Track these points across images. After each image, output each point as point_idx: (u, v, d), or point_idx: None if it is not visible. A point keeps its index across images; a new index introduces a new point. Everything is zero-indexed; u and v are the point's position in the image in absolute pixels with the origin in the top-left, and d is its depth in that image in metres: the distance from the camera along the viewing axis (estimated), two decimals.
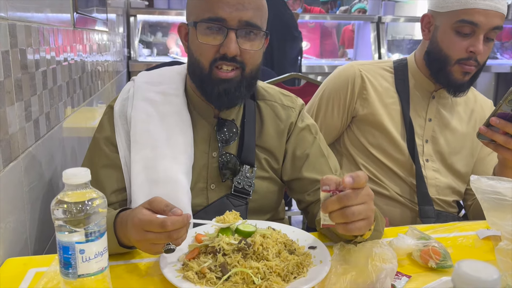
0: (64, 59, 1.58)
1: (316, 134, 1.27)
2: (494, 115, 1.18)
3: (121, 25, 3.69)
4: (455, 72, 1.41)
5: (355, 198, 0.82)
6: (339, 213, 0.83)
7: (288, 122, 1.25)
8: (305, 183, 1.22)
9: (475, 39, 1.36)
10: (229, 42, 1.06)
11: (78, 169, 0.74)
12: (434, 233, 1.12)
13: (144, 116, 1.16)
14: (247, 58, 1.10)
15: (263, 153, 1.23)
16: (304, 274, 0.90)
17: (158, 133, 1.15)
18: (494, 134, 1.19)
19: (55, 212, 0.72)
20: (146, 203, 0.91)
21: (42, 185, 1.31)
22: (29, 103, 1.19)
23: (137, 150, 1.14)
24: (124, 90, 1.24)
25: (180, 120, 1.17)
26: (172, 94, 1.20)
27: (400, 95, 1.52)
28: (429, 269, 0.98)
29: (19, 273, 0.96)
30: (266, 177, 1.23)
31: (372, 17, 5.13)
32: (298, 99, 1.31)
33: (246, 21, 1.06)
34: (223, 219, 0.98)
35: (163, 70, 1.27)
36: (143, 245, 0.91)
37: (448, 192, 1.53)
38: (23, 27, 1.15)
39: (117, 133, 1.17)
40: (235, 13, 1.05)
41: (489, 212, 0.88)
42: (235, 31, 1.06)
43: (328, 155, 1.26)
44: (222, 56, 1.07)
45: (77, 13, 1.80)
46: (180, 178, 1.12)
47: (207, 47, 1.08)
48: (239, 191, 1.19)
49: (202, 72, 1.10)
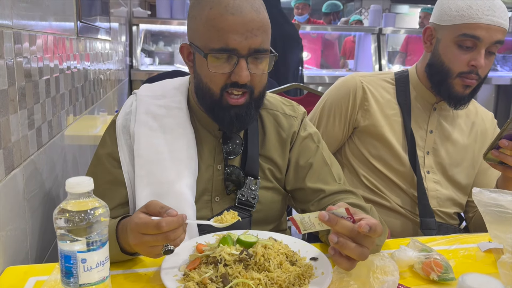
0: (67, 67, 1.59)
1: (318, 142, 1.27)
2: (501, 136, 1.18)
3: (123, 34, 3.71)
4: (456, 85, 1.42)
5: (360, 238, 0.85)
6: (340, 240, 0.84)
7: (290, 131, 1.24)
8: (308, 192, 1.22)
9: (476, 53, 1.37)
10: (240, 71, 1.05)
11: (81, 178, 0.74)
12: (435, 245, 1.12)
13: (147, 130, 1.16)
14: (256, 81, 1.09)
15: (266, 163, 1.23)
16: (305, 285, 0.90)
17: (162, 147, 1.15)
18: (506, 157, 1.20)
19: (57, 221, 0.72)
20: (143, 207, 0.92)
21: (43, 194, 1.31)
22: (32, 111, 1.19)
23: (141, 164, 1.13)
24: (126, 104, 1.23)
25: (183, 134, 1.17)
26: (175, 107, 1.19)
27: (402, 107, 1.53)
28: (430, 282, 0.97)
29: (19, 282, 0.95)
30: (270, 187, 1.23)
31: (372, 28, 5.16)
32: (300, 107, 1.30)
33: (256, 49, 1.05)
34: (221, 219, 0.98)
35: (165, 83, 1.27)
36: (142, 248, 0.91)
37: (449, 204, 1.53)
38: (27, 35, 1.16)
39: (120, 148, 1.17)
40: (245, 42, 1.04)
41: (491, 225, 0.88)
42: (245, 59, 1.05)
43: (331, 163, 1.25)
44: (233, 83, 1.07)
45: (80, 22, 1.81)
46: (185, 191, 1.12)
47: (218, 75, 1.07)
48: (243, 204, 1.18)
49: (212, 98, 1.10)
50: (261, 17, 1.05)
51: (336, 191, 1.20)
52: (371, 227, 0.82)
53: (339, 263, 0.87)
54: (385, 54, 5.09)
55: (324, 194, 1.19)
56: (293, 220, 0.90)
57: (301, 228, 0.90)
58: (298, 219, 0.90)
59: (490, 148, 1.23)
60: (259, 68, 1.09)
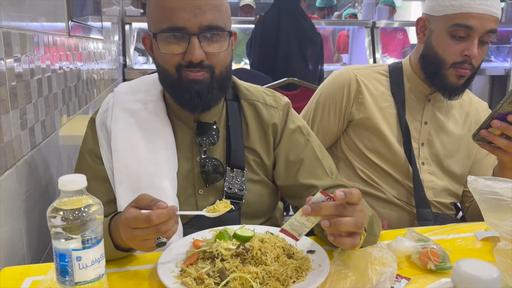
0: (59, 67, 1.58)
1: (308, 135, 1.25)
2: (493, 116, 1.18)
3: (116, 33, 3.70)
4: (449, 76, 1.41)
5: (347, 210, 0.85)
6: (331, 221, 0.85)
7: (270, 122, 1.22)
8: (301, 189, 1.20)
9: (469, 43, 1.36)
10: (192, 49, 1.03)
11: (74, 176, 0.73)
12: (432, 235, 1.12)
13: (123, 125, 1.16)
14: (215, 61, 1.07)
15: (251, 155, 1.21)
16: (303, 278, 0.90)
17: (138, 140, 1.14)
18: (495, 138, 1.20)
19: (51, 220, 0.72)
20: (133, 202, 0.92)
21: (38, 194, 1.30)
22: (24, 111, 1.19)
23: (118, 158, 1.13)
24: (104, 102, 1.23)
25: (160, 126, 1.16)
26: (150, 100, 1.19)
27: (396, 99, 1.53)
28: (428, 271, 0.98)
29: (15, 282, 0.95)
30: (257, 180, 1.21)
31: (366, 22, 5.15)
32: (283, 98, 1.27)
33: (206, 25, 1.03)
34: (214, 209, 0.97)
35: (142, 78, 1.26)
36: (134, 242, 0.91)
37: (445, 195, 1.53)
38: (17, 35, 1.15)
39: (100, 145, 1.17)
40: (194, 19, 1.02)
41: (487, 212, 0.88)
42: (197, 37, 1.03)
43: (322, 156, 1.24)
44: (188, 63, 1.05)
45: (72, 21, 1.80)
46: (164, 184, 1.11)
47: (171, 57, 1.06)
48: (231, 197, 1.16)
49: (170, 78, 1.09)
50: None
51: (329, 186, 1.19)
52: (344, 192, 0.84)
53: (343, 243, 0.87)
54: (379, 48, 5.09)
55: (317, 190, 1.17)
56: (285, 231, 0.90)
57: (296, 234, 0.89)
58: (288, 227, 0.90)
59: (481, 128, 1.22)
60: (214, 46, 1.06)
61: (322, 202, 0.86)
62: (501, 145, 1.20)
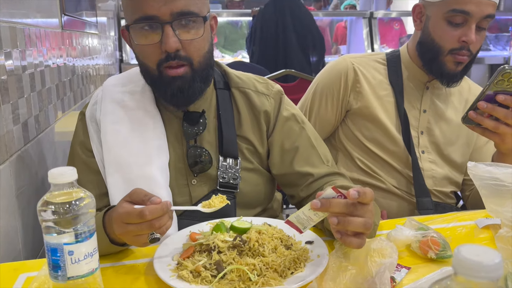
0: (53, 61, 1.56)
1: (303, 123, 1.23)
2: (480, 99, 1.16)
3: (112, 28, 3.67)
4: (447, 62, 1.39)
5: (358, 210, 0.82)
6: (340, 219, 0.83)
7: (261, 109, 1.20)
8: (296, 177, 1.19)
9: (467, 29, 1.34)
10: (166, 38, 1.00)
11: (64, 168, 0.71)
12: (432, 224, 1.11)
13: (112, 116, 1.14)
14: (192, 50, 1.04)
15: (244, 143, 1.19)
16: (301, 269, 0.88)
17: (128, 131, 1.13)
18: (482, 120, 1.18)
19: (42, 214, 0.70)
20: (127, 196, 0.90)
21: (33, 190, 1.28)
22: (16, 106, 1.17)
23: (108, 150, 1.12)
24: (94, 95, 1.21)
25: (148, 117, 1.15)
26: (138, 91, 1.17)
27: (394, 87, 1.51)
28: (428, 260, 0.96)
29: (9, 279, 0.93)
30: (251, 168, 1.19)
31: (363, 12, 5.12)
32: (275, 86, 1.25)
33: (178, 12, 1.00)
34: (209, 204, 0.96)
35: (130, 71, 1.25)
36: (127, 238, 0.89)
37: (445, 183, 1.52)
38: (7, 28, 1.13)
39: (91, 138, 1.16)
40: (165, 7, 0.99)
41: (487, 199, 0.86)
42: (170, 25, 1.00)
43: (317, 144, 1.22)
44: (167, 56, 1.02)
45: (65, 15, 1.78)
46: (155, 174, 1.10)
47: (147, 48, 1.03)
48: (225, 186, 1.15)
49: (151, 74, 1.07)
50: None
51: (325, 174, 1.17)
52: (359, 192, 0.81)
53: (349, 242, 0.84)
54: (377, 38, 5.06)
55: (313, 178, 1.17)
56: (290, 223, 0.88)
57: (301, 227, 0.87)
58: (294, 219, 0.87)
59: (469, 111, 1.20)
60: (190, 33, 1.04)
61: (332, 198, 0.83)
62: (489, 126, 1.18)
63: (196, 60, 1.06)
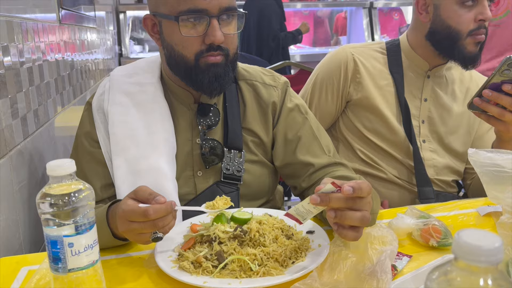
0: (51, 55, 1.55)
1: (306, 113, 1.24)
2: (486, 86, 1.16)
3: (110, 23, 3.65)
4: (468, 45, 1.39)
5: (357, 204, 0.82)
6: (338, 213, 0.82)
7: (270, 101, 1.21)
8: (298, 167, 1.19)
9: (481, 7, 1.35)
10: (214, 31, 1.03)
11: (62, 161, 0.71)
12: (433, 212, 1.10)
13: (120, 108, 1.14)
14: (229, 42, 1.08)
15: (249, 136, 1.20)
16: (302, 258, 0.88)
17: (136, 123, 1.13)
18: (488, 106, 1.18)
19: (41, 206, 0.70)
20: (132, 193, 0.89)
21: (34, 184, 1.28)
22: (15, 100, 1.16)
23: (116, 142, 1.12)
24: (100, 85, 1.21)
25: (157, 108, 1.15)
26: (147, 83, 1.17)
27: (394, 76, 1.50)
28: (430, 248, 0.96)
29: (11, 272, 0.93)
30: (255, 160, 1.20)
31: (363, 2, 5.09)
32: (282, 77, 1.27)
33: (226, 7, 1.04)
34: (213, 205, 0.95)
35: (138, 61, 1.25)
36: (130, 235, 0.89)
37: (447, 172, 1.51)
38: (4, 22, 1.12)
39: (97, 128, 1.16)
40: (215, 1, 1.02)
41: (488, 185, 0.85)
42: (217, 18, 1.03)
43: (320, 135, 1.22)
44: (208, 46, 1.05)
45: (62, 9, 1.77)
46: (163, 166, 1.10)
47: (191, 40, 1.05)
48: (229, 177, 1.16)
49: (187, 65, 1.07)
50: None
51: (326, 164, 1.17)
52: (353, 187, 0.80)
53: (345, 235, 0.84)
54: (377, 29, 5.03)
55: (314, 168, 1.17)
56: (290, 215, 0.88)
57: (300, 219, 0.87)
58: (293, 212, 0.88)
59: (475, 97, 1.20)
60: (230, 28, 1.08)
61: (332, 193, 0.83)
62: (494, 113, 1.18)
63: (231, 51, 1.09)
